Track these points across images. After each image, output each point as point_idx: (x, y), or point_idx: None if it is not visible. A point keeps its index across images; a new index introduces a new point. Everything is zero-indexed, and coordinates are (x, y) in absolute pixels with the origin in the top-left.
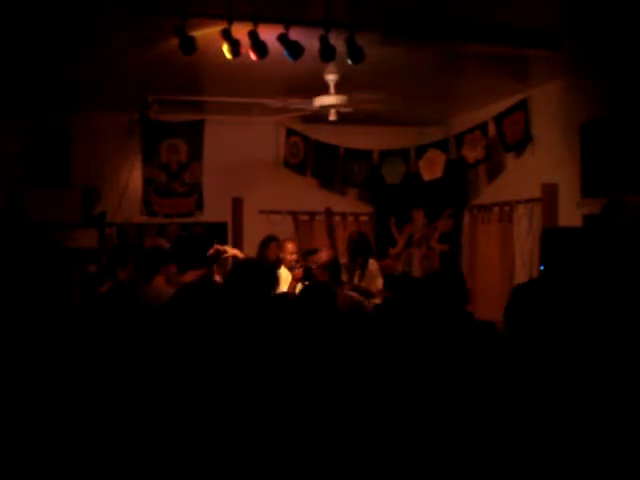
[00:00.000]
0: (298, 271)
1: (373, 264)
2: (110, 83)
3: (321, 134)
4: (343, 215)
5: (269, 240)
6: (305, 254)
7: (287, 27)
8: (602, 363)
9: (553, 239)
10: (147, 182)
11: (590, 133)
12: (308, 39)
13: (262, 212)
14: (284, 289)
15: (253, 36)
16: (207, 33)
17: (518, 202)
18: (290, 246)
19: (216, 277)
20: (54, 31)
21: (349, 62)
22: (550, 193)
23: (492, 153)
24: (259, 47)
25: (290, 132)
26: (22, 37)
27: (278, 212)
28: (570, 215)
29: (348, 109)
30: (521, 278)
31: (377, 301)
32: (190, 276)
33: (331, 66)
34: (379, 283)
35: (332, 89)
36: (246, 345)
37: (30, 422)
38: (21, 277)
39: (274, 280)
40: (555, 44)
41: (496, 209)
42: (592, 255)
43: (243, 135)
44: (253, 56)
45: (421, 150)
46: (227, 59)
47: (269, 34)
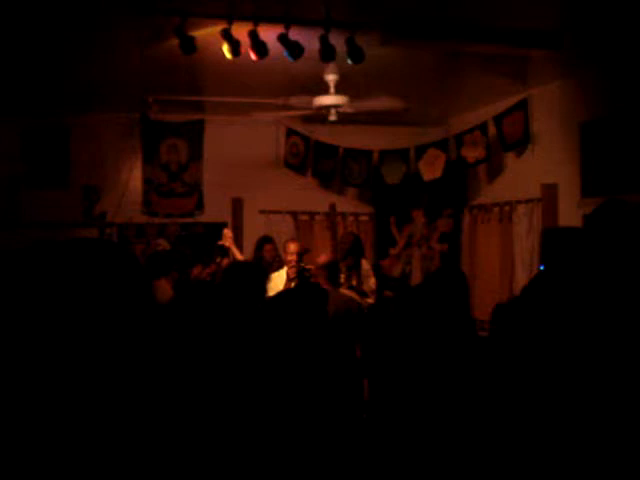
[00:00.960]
0: (291, 271)
1: (365, 264)
2: (110, 83)
3: (321, 134)
4: (343, 215)
5: (264, 241)
6: (300, 254)
7: (287, 27)
8: (602, 363)
9: (553, 239)
10: (147, 182)
11: (590, 133)
12: (308, 39)
13: (262, 212)
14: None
15: (253, 36)
16: (207, 33)
17: (518, 202)
18: (292, 247)
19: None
20: (54, 31)
21: (349, 62)
22: (550, 193)
23: (492, 153)
24: (259, 47)
25: (290, 132)
26: (22, 37)
27: (278, 212)
28: (570, 215)
29: (348, 109)
30: (521, 278)
31: (370, 300)
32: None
33: (331, 66)
34: (372, 283)
35: (332, 89)
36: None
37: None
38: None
39: (263, 281)
40: (555, 44)
41: (496, 209)
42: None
43: (243, 135)
44: (253, 56)
45: (421, 150)
46: (227, 59)
47: (269, 34)
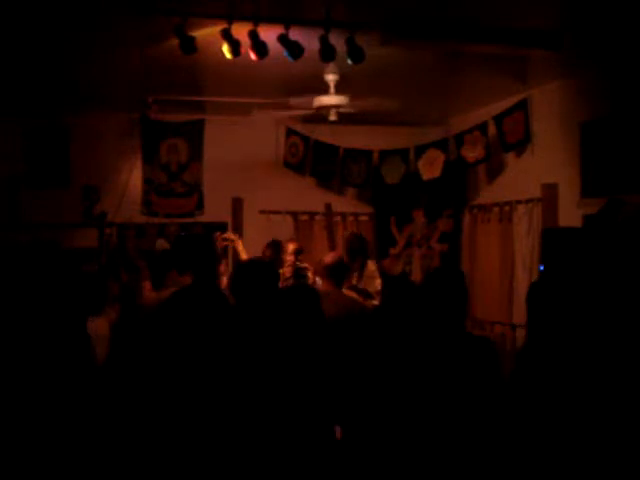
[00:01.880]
0: (287, 270)
1: (372, 265)
2: (110, 83)
3: (321, 134)
4: (343, 215)
5: (269, 245)
6: (296, 254)
7: (287, 27)
8: (602, 364)
9: (553, 239)
10: (147, 182)
11: (590, 133)
12: (308, 39)
13: (262, 212)
14: None
15: (253, 36)
16: (207, 33)
17: (518, 202)
18: (290, 246)
19: (223, 279)
20: (54, 31)
21: (349, 62)
22: (550, 193)
23: (492, 153)
24: (259, 47)
25: (290, 132)
26: (22, 37)
27: (278, 212)
28: (570, 215)
29: (348, 109)
30: (521, 278)
31: (375, 302)
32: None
33: (331, 66)
34: (377, 284)
35: (332, 89)
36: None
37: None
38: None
39: (273, 278)
40: (555, 44)
41: (496, 209)
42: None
43: (243, 135)
44: (253, 56)
45: (421, 150)
46: (227, 59)
47: (269, 34)
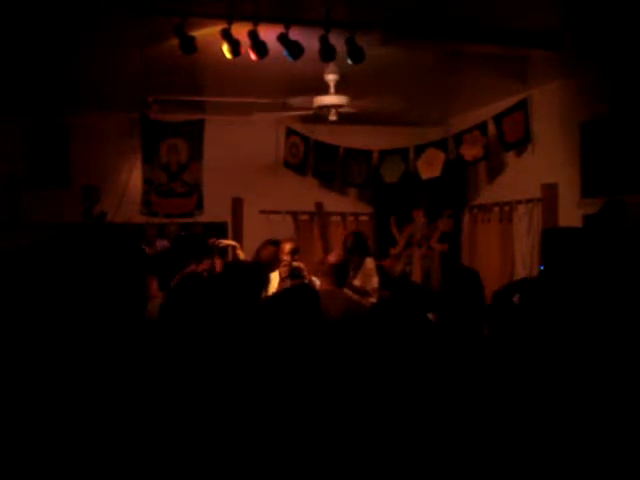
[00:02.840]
0: (282, 270)
1: (370, 263)
2: (110, 83)
3: (321, 134)
4: (343, 215)
5: (267, 243)
6: (292, 253)
7: (287, 27)
8: (602, 364)
9: (553, 239)
10: (147, 182)
11: (590, 133)
12: (308, 39)
13: (262, 212)
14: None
15: (253, 36)
16: (207, 33)
17: (518, 202)
18: (287, 246)
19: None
20: (54, 31)
21: (349, 62)
22: (550, 193)
23: (492, 153)
24: (259, 47)
25: (290, 132)
26: (22, 37)
27: (278, 212)
28: (570, 215)
29: (349, 109)
30: (521, 278)
31: (372, 300)
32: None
33: (331, 66)
34: (375, 282)
35: (332, 89)
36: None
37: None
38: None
39: (260, 280)
40: (555, 44)
41: (496, 209)
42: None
43: (243, 135)
44: (253, 56)
45: (420, 150)
46: (227, 59)
47: (269, 34)
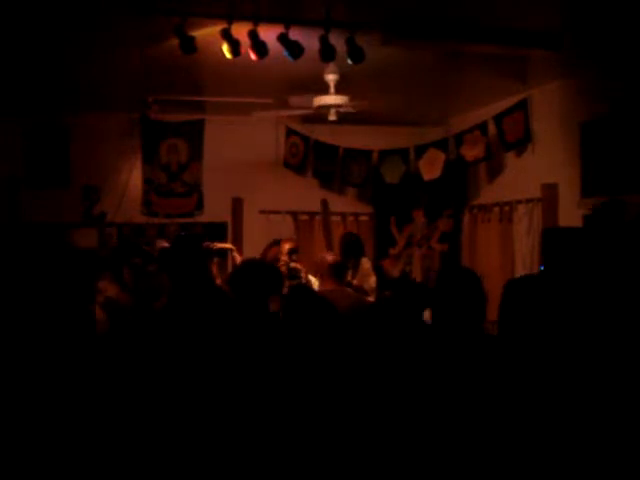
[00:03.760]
0: (281, 270)
1: (366, 262)
2: (110, 83)
3: (321, 134)
4: (343, 215)
5: (272, 244)
6: (290, 253)
7: (287, 27)
8: (602, 364)
9: (553, 239)
10: (147, 182)
11: (590, 133)
12: (308, 39)
13: (262, 212)
14: None
15: (253, 36)
16: (207, 33)
17: (518, 202)
18: (286, 246)
19: (217, 281)
20: (54, 31)
21: (349, 62)
22: (550, 193)
23: (492, 153)
24: (259, 47)
25: (290, 132)
26: (22, 37)
27: (278, 212)
28: (570, 215)
29: (349, 109)
30: None
31: (370, 299)
32: None
33: (331, 66)
34: (372, 281)
35: (332, 89)
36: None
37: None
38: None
39: (277, 280)
40: (555, 44)
41: (496, 209)
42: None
43: (243, 135)
44: (253, 56)
45: (421, 150)
46: (227, 59)
47: (269, 34)
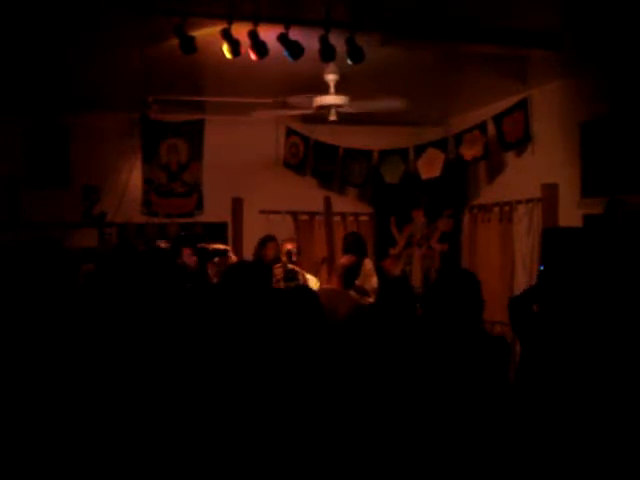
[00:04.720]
0: (278, 271)
1: (368, 263)
2: (110, 83)
3: (321, 134)
4: (343, 215)
5: (267, 240)
6: (288, 254)
7: (287, 27)
8: (603, 364)
9: (553, 239)
10: (147, 182)
11: (590, 133)
12: (308, 39)
13: (262, 212)
14: None
15: (253, 36)
16: (207, 33)
17: (518, 202)
18: (284, 247)
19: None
20: (54, 31)
21: (349, 62)
22: (550, 193)
23: (492, 153)
24: (259, 47)
25: (290, 132)
26: (22, 37)
27: (278, 212)
28: (570, 215)
29: (349, 109)
30: (521, 278)
31: (371, 300)
32: None
33: (331, 66)
34: (374, 282)
35: (332, 89)
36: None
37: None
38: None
39: (267, 279)
40: (555, 44)
41: (496, 209)
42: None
43: (243, 135)
44: (253, 56)
45: (420, 149)
46: (227, 59)
47: (269, 34)
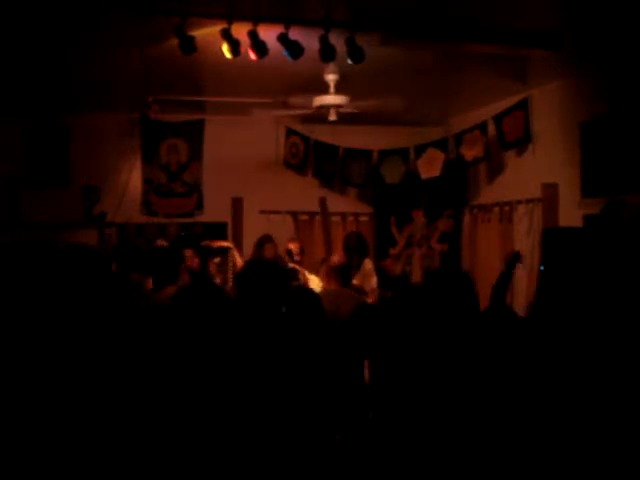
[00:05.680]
0: None
1: (368, 263)
2: (110, 83)
3: (321, 134)
4: (343, 215)
5: (265, 240)
6: (288, 254)
7: (287, 27)
8: (603, 364)
9: (553, 239)
10: (147, 182)
11: (590, 133)
12: (308, 39)
13: (262, 212)
14: None
15: (253, 36)
16: (207, 33)
17: (518, 202)
18: (293, 247)
19: (216, 280)
20: (54, 31)
21: (349, 62)
22: (550, 193)
23: (492, 153)
24: (259, 47)
25: (290, 132)
26: (22, 37)
27: (278, 212)
28: (570, 215)
29: (349, 109)
30: (521, 278)
31: (370, 300)
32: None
33: (331, 66)
34: (373, 282)
35: (332, 89)
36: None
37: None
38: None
39: (286, 279)
40: (555, 44)
41: (496, 209)
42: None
43: (243, 135)
44: (253, 56)
45: (420, 150)
46: (227, 59)
47: (269, 34)
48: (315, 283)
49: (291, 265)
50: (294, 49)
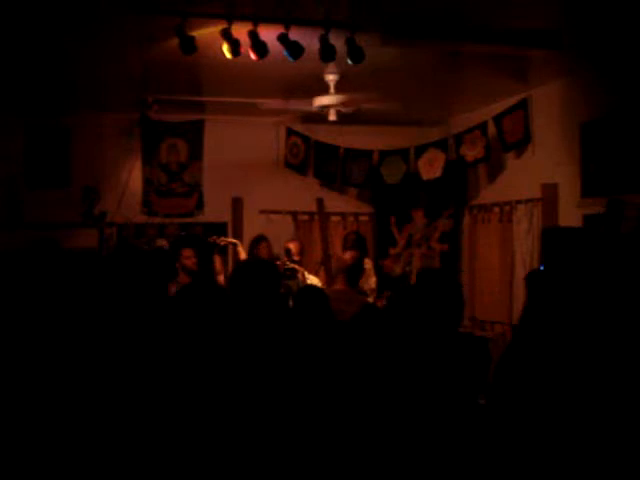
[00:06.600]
0: None
1: (368, 263)
2: (110, 83)
3: (321, 134)
4: (343, 215)
5: (259, 240)
6: (287, 254)
7: (287, 27)
8: (602, 364)
9: (553, 239)
10: (147, 182)
11: (590, 133)
12: (308, 39)
13: (262, 212)
14: None
15: (253, 36)
16: (207, 33)
17: (518, 202)
18: (292, 247)
19: (220, 277)
20: (54, 31)
21: (349, 62)
22: (550, 193)
23: (492, 153)
24: (259, 47)
25: (290, 132)
26: (22, 37)
27: (278, 212)
28: (570, 215)
29: (348, 109)
30: (521, 278)
31: (369, 300)
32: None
33: (331, 66)
34: (372, 282)
35: (332, 89)
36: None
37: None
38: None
39: (276, 278)
40: (555, 44)
41: (496, 209)
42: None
43: (243, 135)
44: (253, 56)
45: (421, 150)
46: (227, 59)
47: (269, 34)
48: (314, 283)
49: (290, 265)
50: (294, 49)
